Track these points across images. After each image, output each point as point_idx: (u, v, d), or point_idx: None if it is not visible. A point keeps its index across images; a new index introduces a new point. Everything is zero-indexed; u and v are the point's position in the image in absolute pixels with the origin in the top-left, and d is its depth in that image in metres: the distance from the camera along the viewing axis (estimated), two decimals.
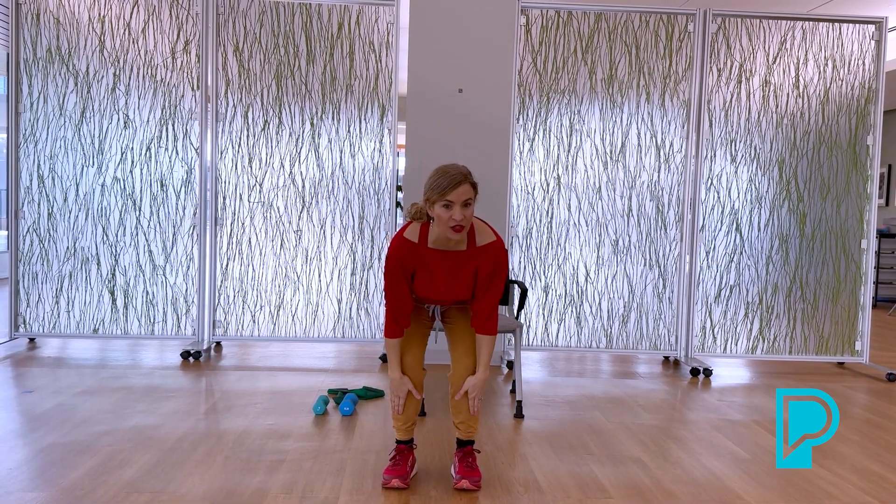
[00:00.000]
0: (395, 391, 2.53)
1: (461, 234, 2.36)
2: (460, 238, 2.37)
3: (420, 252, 2.45)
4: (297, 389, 3.79)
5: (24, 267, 4.50)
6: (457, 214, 2.30)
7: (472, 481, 2.48)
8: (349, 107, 4.51)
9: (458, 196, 2.30)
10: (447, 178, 2.31)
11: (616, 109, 4.49)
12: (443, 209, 2.31)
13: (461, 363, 2.55)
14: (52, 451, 2.75)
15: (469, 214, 2.34)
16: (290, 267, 4.54)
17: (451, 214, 2.30)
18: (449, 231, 2.33)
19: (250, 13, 4.45)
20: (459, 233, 2.34)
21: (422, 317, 2.64)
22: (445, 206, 2.30)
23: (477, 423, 2.59)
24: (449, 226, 2.32)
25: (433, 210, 2.36)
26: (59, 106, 4.45)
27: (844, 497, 2.54)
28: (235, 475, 2.57)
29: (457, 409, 2.57)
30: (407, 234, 2.46)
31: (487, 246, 2.47)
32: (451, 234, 2.34)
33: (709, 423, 3.40)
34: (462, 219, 2.31)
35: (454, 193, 2.29)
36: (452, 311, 2.66)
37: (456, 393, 2.55)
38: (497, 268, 2.48)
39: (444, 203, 2.30)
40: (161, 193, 4.50)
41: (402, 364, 2.54)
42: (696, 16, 4.47)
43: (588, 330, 4.55)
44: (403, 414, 2.58)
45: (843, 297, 4.61)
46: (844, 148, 4.57)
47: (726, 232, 4.57)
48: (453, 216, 2.30)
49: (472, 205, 2.36)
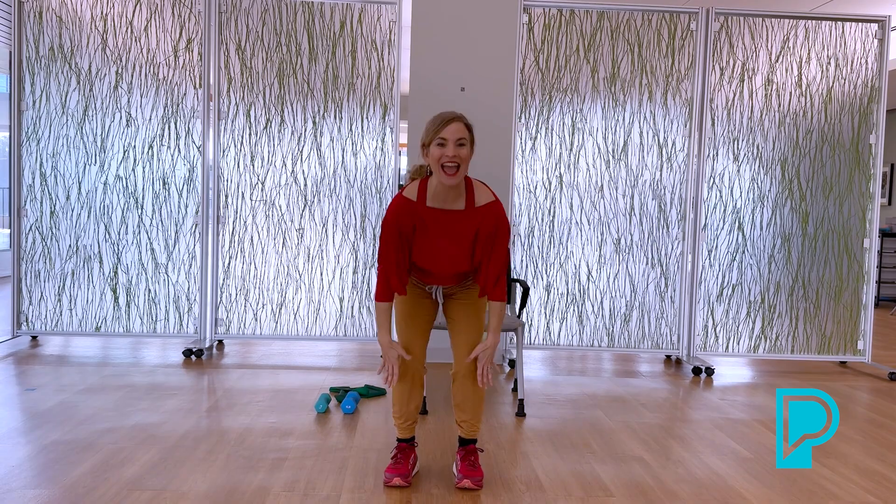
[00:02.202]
0: (386, 356, 2.47)
1: (456, 178, 2.32)
2: (455, 183, 2.33)
3: (419, 211, 2.40)
4: (298, 388, 3.79)
5: (27, 265, 4.51)
6: (450, 150, 2.29)
7: (473, 480, 2.48)
8: (351, 105, 4.51)
9: (451, 133, 2.30)
10: (440, 117, 2.34)
11: (618, 108, 4.49)
12: (437, 148, 2.31)
13: (463, 361, 2.54)
14: (54, 448, 2.76)
15: (464, 155, 2.32)
16: (292, 265, 4.54)
17: (445, 151, 2.30)
18: (443, 175, 2.31)
19: (252, 11, 4.45)
20: (454, 176, 2.31)
21: (423, 311, 2.59)
22: (440, 144, 2.31)
23: (479, 422, 2.59)
24: (442, 163, 2.30)
25: (430, 156, 2.34)
26: (61, 104, 4.46)
27: (847, 496, 2.54)
28: (237, 473, 2.58)
29: (460, 407, 2.57)
30: (406, 193, 2.43)
31: (486, 206, 2.43)
32: (445, 179, 2.31)
33: (711, 422, 3.40)
34: (455, 156, 2.29)
35: (447, 130, 2.30)
36: (455, 304, 2.59)
37: (457, 391, 2.55)
38: (498, 228, 2.42)
39: (438, 142, 2.31)
40: (163, 192, 4.50)
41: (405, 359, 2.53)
42: (698, 14, 4.46)
43: (590, 329, 4.55)
44: (405, 411, 2.58)
45: (846, 296, 4.60)
46: (847, 147, 4.56)
47: (728, 231, 4.56)
48: (446, 153, 2.29)
49: (467, 148, 2.34)
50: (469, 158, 2.35)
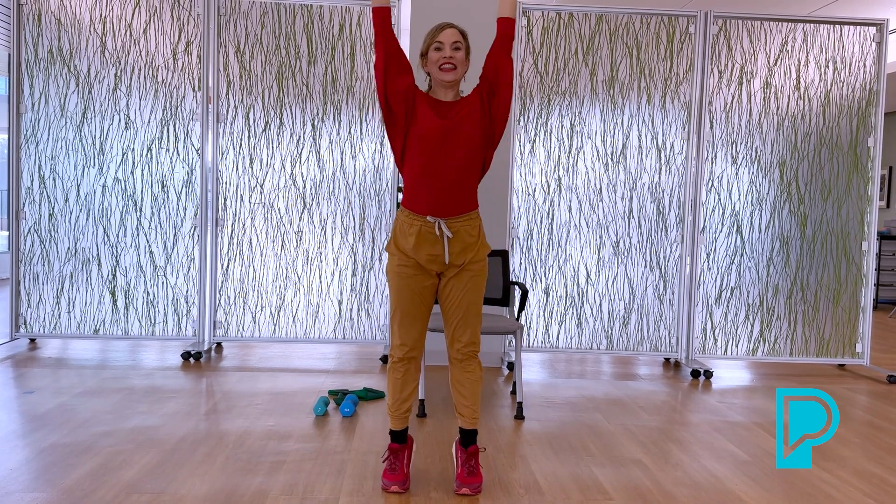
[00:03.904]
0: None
1: (454, 75, 2.43)
2: (453, 78, 2.44)
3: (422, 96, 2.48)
4: (297, 390, 3.79)
5: (25, 267, 4.50)
6: (446, 52, 2.43)
7: (472, 488, 2.47)
8: (350, 108, 4.51)
9: (447, 37, 2.44)
10: (435, 26, 2.50)
11: (617, 111, 4.49)
12: (434, 52, 2.44)
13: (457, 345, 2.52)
14: (52, 451, 2.75)
15: (459, 59, 2.44)
16: (291, 268, 4.54)
17: (442, 54, 2.43)
18: (441, 73, 2.43)
19: (251, 14, 4.45)
20: (452, 72, 2.43)
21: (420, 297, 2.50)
22: (437, 48, 2.44)
23: (478, 410, 2.56)
24: (440, 65, 2.42)
25: (428, 63, 2.47)
26: (60, 107, 4.46)
27: (846, 500, 2.54)
28: (236, 476, 2.57)
29: (458, 391, 2.54)
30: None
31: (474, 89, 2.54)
32: (443, 76, 2.43)
33: (709, 424, 3.40)
34: (451, 57, 2.42)
35: (442, 34, 2.45)
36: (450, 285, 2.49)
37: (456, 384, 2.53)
38: (487, 67, 2.51)
39: (435, 46, 2.44)
40: (162, 194, 4.50)
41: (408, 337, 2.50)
42: (697, 18, 4.47)
43: (589, 331, 4.55)
44: (399, 397, 2.53)
45: (844, 299, 4.61)
46: (845, 150, 4.57)
47: (727, 234, 4.57)
48: (443, 54, 2.42)
49: (463, 52, 2.46)
50: (464, 64, 2.47)
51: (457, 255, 2.47)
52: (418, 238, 2.45)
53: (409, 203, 2.47)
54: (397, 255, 2.49)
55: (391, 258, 2.52)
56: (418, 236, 2.45)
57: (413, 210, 2.46)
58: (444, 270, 2.50)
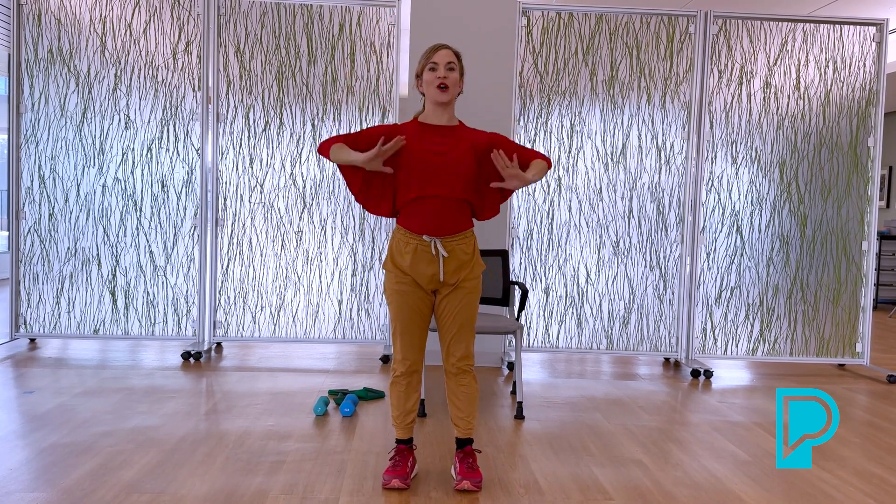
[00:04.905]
0: (374, 150, 2.37)
1: (448, 95, 2.48)
2: (447, 99, 2.49)
3: (410, 128, 2.54)
4: (297, 390, 3.79)
5: (25, 267, 4.50)
6: (441, 72, 2.48)
7: (472, 482, 2.48)
8: (350, 108, 4.51)
9: (441, 58, 2.50)
10: (430, 47, 2.56)
11: (617, 111, 4.49)
12: (429, 73, 2.50)
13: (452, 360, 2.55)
14: (52, 451, 2.75)
15: (453, 80, 2.50)
16: (291, 268, 4.54)
17: (437, 74, 2.49)
18: (436, 93, 2.48)
19: (251, 14, 4.45)
20: (446, 92, 2.48)
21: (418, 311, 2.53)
22: (431, 68, 2.50)
23: (474, 420, 2.59)
24: (435, 85, 2.48)
25: (423, 83, 2.53)
26: (60, 107, 4.46)
27: (846, 500, 2.54)
28: (236, 476, 2.57)
29: (454, 404, 2.58)
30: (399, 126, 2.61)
31: (477, 130, 2.62)
32: (438, 96, 2.48)
33: (709, 424, 3.40)
34: (446, 77, 2.48)
35: (437, 55, 2.51)
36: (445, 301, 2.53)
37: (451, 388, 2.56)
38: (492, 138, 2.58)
39: (430, 66, 2.50)
40: (162, 194, 4.50)
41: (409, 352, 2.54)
42: (696, 17, 4.47)
43: (589, 331, 4.55)
44: (403, 410, 2.58)
45: (844, 298, 4.61)
46: (845, 150, 4.57)
47: (727, 233, 4.57)
48: (438, 75, 2.48)
49: (457, 72, 2.52)
50: (458, 85, 2.52)
51: (452, 273, 2.52)
52: (414, 256, 2.50)
53: (405, 222, 2.52)
54: (394, 273, 2.53)
55: (388, 276, 2.55)
56: (414, 254, 2.50)
57: (409, 229, 2.51)
58: (439, 288, 2.55)
